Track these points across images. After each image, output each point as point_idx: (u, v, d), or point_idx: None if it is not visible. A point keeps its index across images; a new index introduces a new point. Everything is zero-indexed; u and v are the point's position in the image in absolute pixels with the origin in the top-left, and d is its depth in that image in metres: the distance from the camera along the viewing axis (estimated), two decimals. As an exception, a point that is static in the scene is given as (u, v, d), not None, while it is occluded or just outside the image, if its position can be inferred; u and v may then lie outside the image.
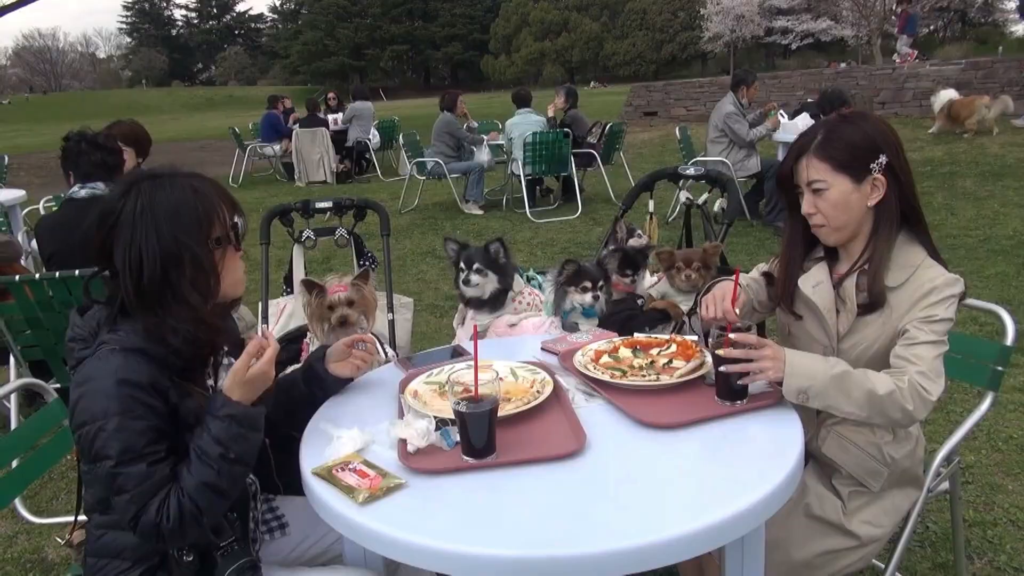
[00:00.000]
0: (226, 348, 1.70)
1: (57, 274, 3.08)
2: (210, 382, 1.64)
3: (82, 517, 1.74)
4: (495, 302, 2.65)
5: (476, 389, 1.45)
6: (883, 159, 1.70)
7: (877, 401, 1.57)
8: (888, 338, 1.71)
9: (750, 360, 1.59)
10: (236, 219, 1.59)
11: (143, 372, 1.42)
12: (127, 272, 1.46)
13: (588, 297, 2.44)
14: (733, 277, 1.81)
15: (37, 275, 3.14)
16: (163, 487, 1.41)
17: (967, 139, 10.29)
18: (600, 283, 2.45)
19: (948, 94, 10.85)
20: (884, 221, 1.73)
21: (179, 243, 1.45)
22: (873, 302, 1.72)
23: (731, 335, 1.61)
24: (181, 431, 1.48)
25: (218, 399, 1.49)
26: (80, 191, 3.33)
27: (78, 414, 1.41)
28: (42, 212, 5.19)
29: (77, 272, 3.04)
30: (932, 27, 38.63)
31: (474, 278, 2.58)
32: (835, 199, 1.72)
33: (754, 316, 2.02)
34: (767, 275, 2.02)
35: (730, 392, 1.62)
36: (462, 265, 2.60)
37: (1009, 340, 1.91)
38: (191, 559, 1.50)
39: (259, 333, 2.20)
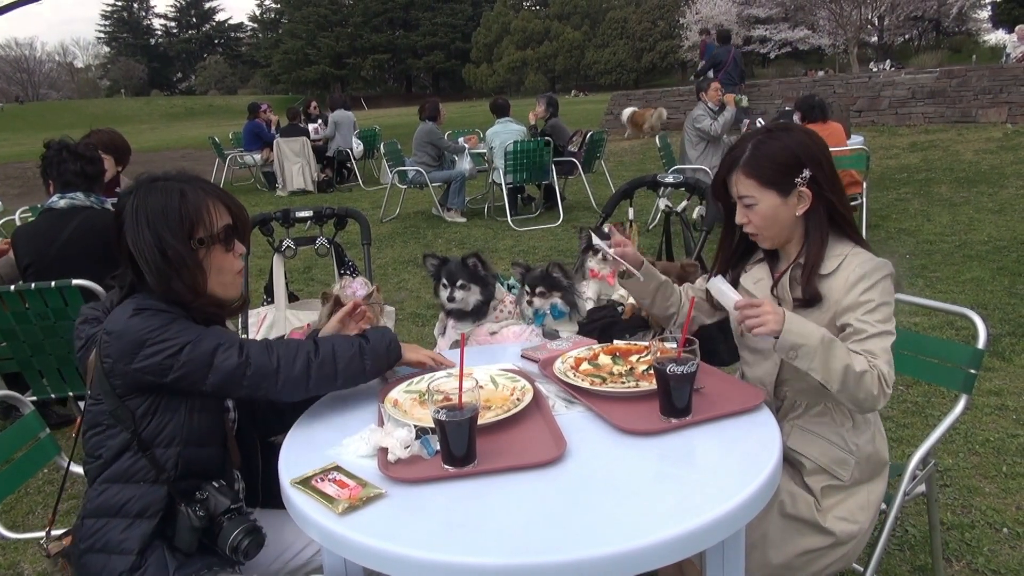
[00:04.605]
0: None
1: (33, 285, 3.04)
2: None
3: (55, 532, 1.73)
4: (477, 312, 2.66)
5: (460, 397, 1.45)
6: (807, 173, 1.77)
7: (852, 378, 1.61)
8: (829, 324, 1.76)
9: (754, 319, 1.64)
10: (231, 221, 1.68)
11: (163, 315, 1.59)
12: (139, 258, 1.61)
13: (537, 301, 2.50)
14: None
15: (12, 286, 3.09)
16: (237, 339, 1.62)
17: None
18: (539, 289, 2.50)
19: (630, 108, 15.36)
20: (814, 227, 1.82)
21: (163, 241, 1.59)
22: (808, 299, 1.79)
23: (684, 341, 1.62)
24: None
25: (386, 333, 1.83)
26: (59, 201, 3.29)
27: (126, 345, 1.53)
28: (18, 223, 5.12)
29: (54, 283, 3.01)
30: (907, 36, 39.10)
31: (458, 294, 2.60)
32: (764, 212, 1.80)
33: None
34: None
35: (673, 409, 1.60)
36: (444, 281, 2.61)
37: (981, 344, 1.95)
38: (203, 515, 1.56)
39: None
